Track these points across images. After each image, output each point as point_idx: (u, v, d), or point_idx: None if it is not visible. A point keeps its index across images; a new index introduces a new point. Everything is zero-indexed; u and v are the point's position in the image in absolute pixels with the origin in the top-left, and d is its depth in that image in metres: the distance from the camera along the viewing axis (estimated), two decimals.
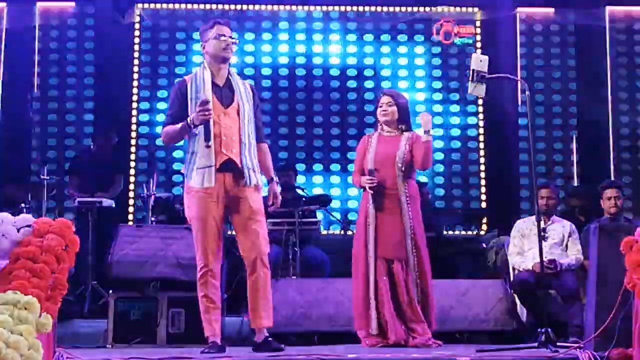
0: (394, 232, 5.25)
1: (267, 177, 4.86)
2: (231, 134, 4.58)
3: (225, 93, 4.67)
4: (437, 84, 9.13)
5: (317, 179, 8.82)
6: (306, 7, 9.12)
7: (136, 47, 8.94)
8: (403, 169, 5.29)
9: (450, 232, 8.48)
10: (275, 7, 9.08)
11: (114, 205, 7.19)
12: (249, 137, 4.65)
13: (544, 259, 5.07)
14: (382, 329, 5.15)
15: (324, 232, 8.11)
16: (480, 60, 4.83)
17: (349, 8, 9.13)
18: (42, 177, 6.73)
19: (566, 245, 6.04)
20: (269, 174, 4.87)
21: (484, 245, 7.24)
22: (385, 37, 9.16)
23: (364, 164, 5.42)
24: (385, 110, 5.41)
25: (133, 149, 8.74)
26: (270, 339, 4.56)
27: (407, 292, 5.17)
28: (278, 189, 4.85)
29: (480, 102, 8.96)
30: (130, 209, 8.54)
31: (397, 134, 5.42)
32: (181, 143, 5.09)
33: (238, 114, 4.63)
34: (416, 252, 5.24)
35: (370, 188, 5.27)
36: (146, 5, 8.99)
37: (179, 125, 4.57)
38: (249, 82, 4.98)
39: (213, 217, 4.55)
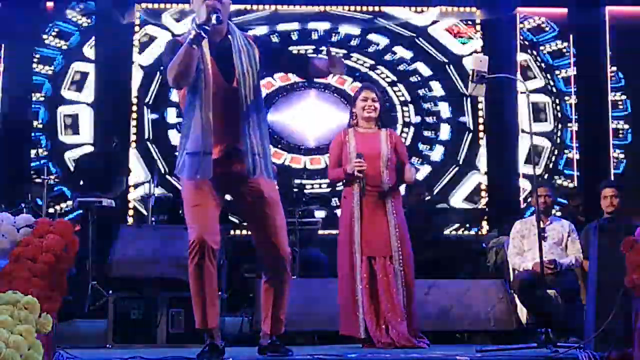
0: (379, 230, 5.14)
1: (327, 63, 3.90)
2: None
3: (225, 58, 3.88)
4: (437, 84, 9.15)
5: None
6: (306, 7, 9.12)
7: (136, 48, 8.94)
8: (388, 165, 5.21)
9: (451, 232, 8.48)
10: (276, 8, 9.08)
11: (114, 205, 7.19)
12: (254, 111, 3.88)
13: (544, 259, 5.06)
14: (368, 333, 5.03)
15: (325, 232, 8.11)
16: (480, 60, 4.82)
17: (349, 8, 9.14)
18: (42, 177, 6.72)
19: (565, 245, 6.04)
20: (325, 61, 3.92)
21: (484, 245, 7.24)
22: (385, 37, 9.17)
23: (342, 159, 5.25)
24: (371, 107, 5.27)
25: (133, 150, 8.75)
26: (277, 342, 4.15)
27: (389, 289, 5.04)
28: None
29: (480, 102, 8.97)
30: (130, 209, 8.55)
31: (375, 130, 5.31)
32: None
33: (239, 85, 3.86)
34: (401, 250, 5.13)
35: (359, 171, 5.06)
36: (146, 5, 8.99)
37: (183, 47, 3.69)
38: (251, 34, 4.12)
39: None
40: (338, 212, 8.21)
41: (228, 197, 4.11)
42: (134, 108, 8.84)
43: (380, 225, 5.15)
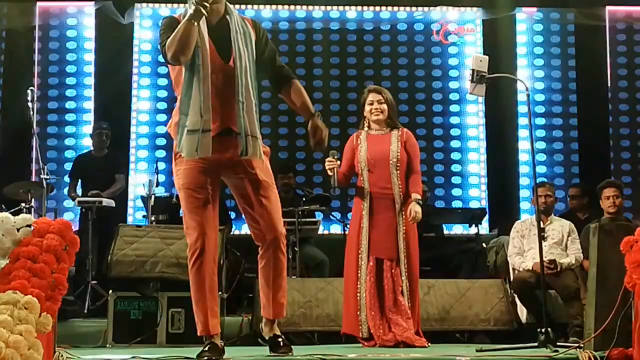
0: (387, 231, 5.17)
1: (306, 115, 4.06)
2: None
3: (222, 38, 3.85)
4: (437, 84, 9.14)
5: (317, 179, 8.81)
6: (306, 7, 9.12)
7: (136, 47, 8.94)
8: (398, 167, 5.24)
9: (451, 232, 8.47)
10: (276, 7, 9.08)
11: (114, 205, 7.18)
12: (246, 94, 3.84)
13: (544, 259, 5.06)
14: (370, 333, 5.06)
15: (325, 232, 8.10)
16: (480, 60, 4.82)
17: (349, 8, 9.14)
18: (42, 177, 6.72)
19: (565, 245, 6.05)
20: (308, 111, 4.05)
21: (484, 245, 7.24)
22: (385, 37, 9.17)
23: (353, 164, 5.33)
24: (377, 109, 5.31)
25: (133, 149, 8.75)
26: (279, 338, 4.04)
27: (394, 290, 5.08)
28: (320, 122, 4.00)
29: (480, 102, 8.97)
30: (130, 209, 8.55)
31: (387, 132, 5.34)
32: None
33: (235, 65, 3.83)
34: (407, 252, 5.15)
35: (329, 169, 5.14)
36: (146, 5, 8.99)
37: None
38: (249, 18, 4.07)
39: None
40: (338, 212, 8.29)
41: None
42: (134, 105, 8.83)
43: (389, 226, 5.19)
